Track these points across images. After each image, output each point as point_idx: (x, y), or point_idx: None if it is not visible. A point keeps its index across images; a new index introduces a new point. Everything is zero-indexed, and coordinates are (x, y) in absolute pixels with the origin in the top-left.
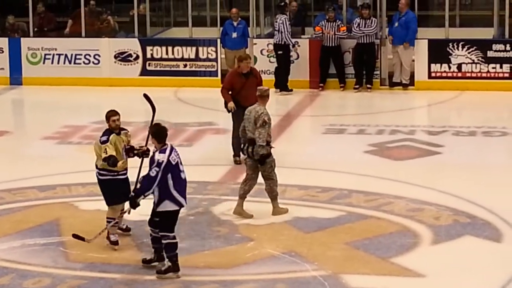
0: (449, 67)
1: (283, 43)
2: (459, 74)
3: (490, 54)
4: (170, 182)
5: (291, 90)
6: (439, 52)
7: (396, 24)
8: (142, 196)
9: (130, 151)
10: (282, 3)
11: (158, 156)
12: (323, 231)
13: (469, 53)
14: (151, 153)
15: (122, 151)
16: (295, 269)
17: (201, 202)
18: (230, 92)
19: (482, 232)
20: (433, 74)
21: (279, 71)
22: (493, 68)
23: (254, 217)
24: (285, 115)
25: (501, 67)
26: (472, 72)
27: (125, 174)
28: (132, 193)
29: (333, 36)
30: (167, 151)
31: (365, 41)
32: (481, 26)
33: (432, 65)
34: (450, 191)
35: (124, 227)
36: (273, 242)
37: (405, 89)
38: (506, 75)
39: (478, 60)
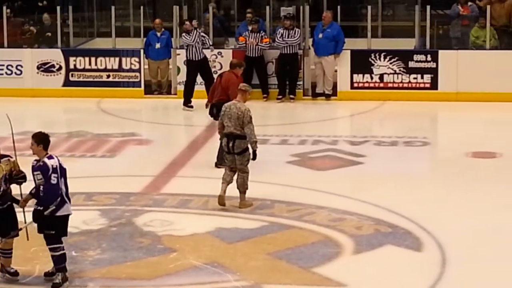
0: (371, 78)
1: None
2: (381, 85)
3: (411, 64)
4: (63, 187)
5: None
6: (361, 62)
7: (321, 36)
8: (54, 207)
9: (12, 179)
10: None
11: (52, 162)
12: (246, 242)
13: (391, 63)
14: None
15: (1, 181)
16: (218, 279)
17: (124, 213)
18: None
19: (403, 241)
20: (355, 85)
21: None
22: (414, 78)
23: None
24: (208, 126)
25: (422, 77)
26: (394, 82)
27: (6, 203)
28: (37, 207)
29: (256, 47)
30: (54, 157)
31: (288, 52)
32: (403, 36)
33: (355, 76)
34: (371, 200)
35: (12, 271)
36: (195, 253)
37: (328, 100)
38: (427, 85)
39: (400, 70)
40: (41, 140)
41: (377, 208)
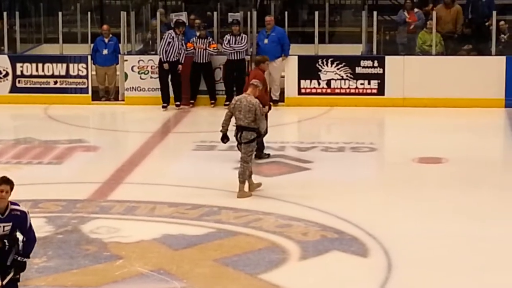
0: (319, 83)
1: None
2: (329, 90)
3: (358, 70)
4: None
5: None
6: (308, 68)
7: (266, 41)
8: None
9: None
10: (180, 20)
11: (23, 208)
12: (192, 248)
13: (338, 69)
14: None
15: None
16: (164, 286)
17: (70, 221)
18: None
19: (349, 247)
20: (302, 90)
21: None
22: (361, 84)
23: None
24: (156, 132)
25: (369, 83)
26: (341, 88)
27: None
28: (23, 258)
29: (204, 53)
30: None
31: (235, 58)
32: (350, 42)
33: (302, 81)
34: (318, 206)
35: None
36: (142, 260)
37: (275, 105)
38: (374, 91)
39: (347, 76)
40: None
41: (323, 214)
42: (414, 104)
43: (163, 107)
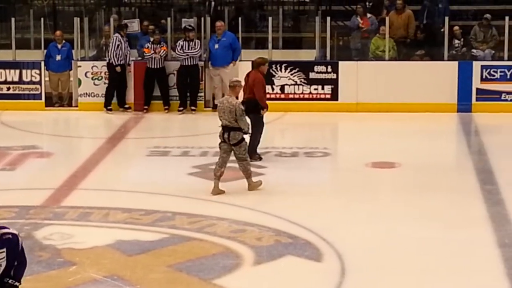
0: (272, 89)
1: (110, 62)
2: (282, 96)
3: (312, 75)
4: None
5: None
6: None
7: (217, 46)
8: None
9: None
10: (123, 23)
11: (13, 230)
12: (146, 254)
13: (291, 74)
14: None
15: None
16: None
17: (23, 227)
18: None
19: (303, 252)
20: None
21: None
22: (315, 89)
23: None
24: (110, 138)
25: (322, 88)
26: (294, 93)
27: None
28: (15, 282)
29: (158, 59)
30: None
31: (189, 63)
32: (304, 48)
33: None
34: (272, 211)
35: None
36: (95, 266)
37: None
38: (328, 96)
39: (301, 81)
40: None
41: (277, 219)
42: (367, 109)
43: (109, 110)
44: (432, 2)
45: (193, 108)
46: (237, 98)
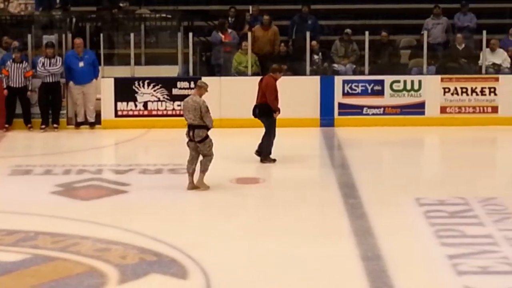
0: (136, 105)
1: None
2: (146, 112)
3: (175, 91)
4: None
5: None
6: (125, 90)
7: (82, 64)
8: None
9: None
10: None
11: None
12: (8, 275)
13: (154, 91)
14: None
15: None
16: None
17: None
18: None
19: (168, 269)
20: (119, 113)
21: None
22: (178, 105)
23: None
24: None
25: None
26: (158, 109)
27: None
28: None
29: (20, 77)
30: None
31: (50, 81)
32: (166, 64)
33: (119, 104)
34: (137, 229)
35: None
36: None
37: (92, 128)
38: None
39: (164, 98)
40: None
41: (142, 237)
42: (231, 125)
43: None
44: (301, 18)
45: (55, 125)
46: (200, 97)
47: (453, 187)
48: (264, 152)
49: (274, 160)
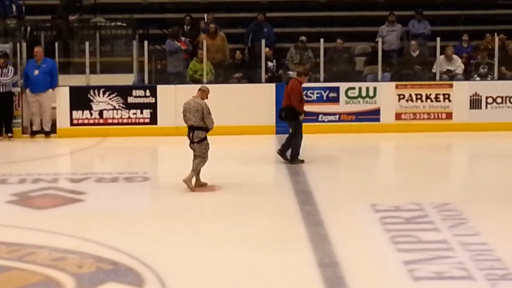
0: (91, 114)
1: None
2: (101, 121)
3: (130, 100)
4: None
5: None
6: (80, 99)
7: (37, 72)
8: None
9: None
10: None
11: None
12: None
13: (110, 99)
14: None
15: None
16: None
17: None
18: None
19: (125, 278)
20: (75, 121)
21: None
22: (134, 113)
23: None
24: None
25: (141, 112)
26: (113, 118)
27: None
28: None
29: None
30: None
31: (2, 90)
32: (122, 72)
33: (74, 112)
34: (93, 238)
35: None
36: None
37: (48, 137)
38: (147, 120)
39: (119, 106)
40: None
41: (98, 246)
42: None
43: None
44: (257, 25)
45: (9, 134)
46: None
47: (409, 193)
48: (292, 153)
49: (302, 161)
